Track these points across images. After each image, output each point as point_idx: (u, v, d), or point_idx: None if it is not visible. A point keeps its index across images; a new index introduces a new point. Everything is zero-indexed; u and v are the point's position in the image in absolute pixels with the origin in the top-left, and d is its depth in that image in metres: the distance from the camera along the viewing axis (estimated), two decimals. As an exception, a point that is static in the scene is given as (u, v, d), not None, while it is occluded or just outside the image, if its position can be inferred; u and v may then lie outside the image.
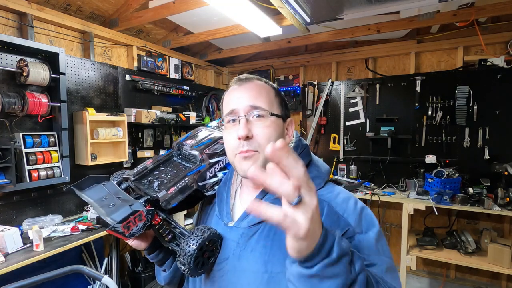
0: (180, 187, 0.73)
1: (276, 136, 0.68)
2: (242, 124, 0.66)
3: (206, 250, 0.68)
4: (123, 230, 0.62)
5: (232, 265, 0.69)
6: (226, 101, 0.72)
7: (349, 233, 0.62)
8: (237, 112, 0.68)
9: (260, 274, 0.65)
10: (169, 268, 0.82)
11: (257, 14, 2.46)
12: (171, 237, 0.73)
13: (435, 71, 3.43)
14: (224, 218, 0.74)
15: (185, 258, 0.65)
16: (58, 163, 2.29)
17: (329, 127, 3.98)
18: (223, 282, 0.69)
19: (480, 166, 3.11)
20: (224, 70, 4.70)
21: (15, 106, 2.03)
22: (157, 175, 0.79)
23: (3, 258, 1.76)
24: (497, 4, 2.62)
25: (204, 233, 0.67)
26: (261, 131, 0.67)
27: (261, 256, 0.65)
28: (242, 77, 0.73)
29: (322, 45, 4.00)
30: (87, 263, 2.61)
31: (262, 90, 0.70)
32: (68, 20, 2.55)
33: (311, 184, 0.42)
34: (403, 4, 2.32)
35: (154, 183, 0.76)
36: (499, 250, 2.61)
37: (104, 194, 0.72)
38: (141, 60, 3.23)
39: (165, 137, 3.49)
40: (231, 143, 0.69)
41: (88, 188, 0.75)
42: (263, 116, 0.67)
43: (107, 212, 0.65)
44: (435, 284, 3.33)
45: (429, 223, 3.34)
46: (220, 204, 0.77)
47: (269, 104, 0.69)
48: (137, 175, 0.78)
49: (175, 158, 0.85)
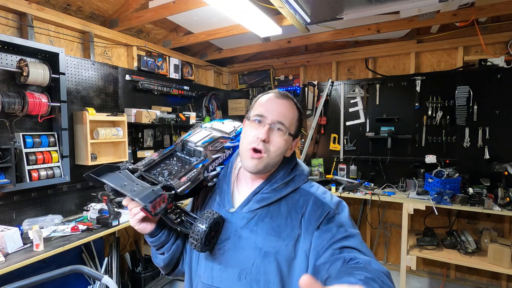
0: (191, 177, 0.83)
1: (283, 149, 0.84)
2: (265, 130, 0.81)
3: (213, 230, 0.78)
4: (151, 210, 0.71)
5: (233, 244, 0.81)
6: (260, 104, 0.86)
7: (331, 213, 0.79)
8: (265, 118, 0.82)
9: (258, 250, 0.78)
10: (167, 251, 0.91)
11: (257, 14, 2.46)
12: (179, 220, 0.83)
13: (435, 71, 3.43)
14: (226, 205, 0.86)
15: (198, 235, 0.75)
16: (58, 163, 2.29)
17: (329, 127, 3.98)
18: (223, 258, 0.81)
19: (480, 166, 3.11)
20: (224, 70, 4.70)
21: (15, 106, 2.03)
22: (165, 167, 0.88)
23: (3, 258, 1.76)
24: (497, 4, 2.62)
25: (214, 215, 0.78)
26: (276, 140, 0.82)
27: (259, 235, 0.79)
28: (282, 93, 0.87)
29: (322, 45, 4.00)
30: (87, 263, 2.61)
31: (290, 111, 0.85)
32: (68, 20, 2.55)
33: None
34: (403, 4, 2.32)
35: (164, 173, 0.85)
36: (499, 250, 2.61)
37: (123, 180, 0.78)
38: (141, 60, 3.23)
39: (165, 137, 3.49)
40: (249, 136, 0.82)
41: (105, 175, 0.81)
42: (282, 131, 0.83)
43: (133, 194, 0.73)
44: (435, 284, 3.33)
45: (429, 223, 3.35)
46: (222, 194, 0.89)
47: (290, 124, 0.84)
48: (147, 166, 0.85)
49: (178, 153, 0.94)
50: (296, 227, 0.79)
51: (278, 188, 0.84)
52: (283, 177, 0.86)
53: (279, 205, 0.83)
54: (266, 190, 0.84)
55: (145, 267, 3.05)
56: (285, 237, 0.78)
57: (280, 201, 0.83)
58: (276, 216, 0.81)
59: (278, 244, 0.77)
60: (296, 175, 0.87)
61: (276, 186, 0.84)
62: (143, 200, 0.71)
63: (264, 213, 0.82)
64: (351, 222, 0.80)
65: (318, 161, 4.01)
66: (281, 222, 0.80)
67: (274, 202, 0.82)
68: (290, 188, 0.84)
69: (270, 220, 0.80)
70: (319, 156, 4.06)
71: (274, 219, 0.80)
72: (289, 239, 0.78)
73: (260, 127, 0.82)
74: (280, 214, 0.81)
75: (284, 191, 0.83)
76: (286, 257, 0.77)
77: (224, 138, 0.96)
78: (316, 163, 4.01)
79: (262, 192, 0.84)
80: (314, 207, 0.80)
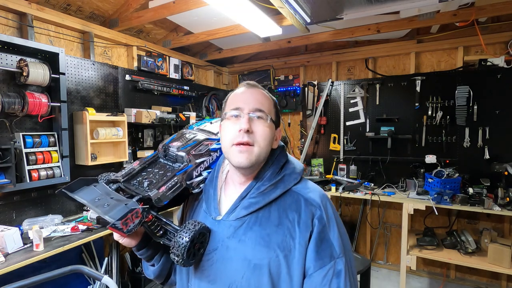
0: (170, 186, 0.78)
1: (270, 138, 0.78)
2: (245, 119, 0.75)
3: (196, 242, 0.73)
4: (121, 227, 0.66)
5: (221, 255, 0.75)
6: (233, 98, 0.81)
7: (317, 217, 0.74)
8: (242, 110, 0.76)
9: (247, 261, 0.72)
10: (157, 262, 0.87)
11: (257, 14, 2.46)
12: (162, 232, 0.77)
13: (435, 71, 3.43)
14: (212, 213, 0.80)
15: (179, 250, 0.69)
16: (58, 163, 2.29)
17: (329, 127, 3.98)
18: (212, 270, 0.76)
19: (480, 166, 3.11)
20: (224, 70, 4.70)
21: (15, 106, 2.03)
22: (145, 176, 0.83)
23: (3, 258, 1.76)
24: (497, 4, 2.62)
25: (195, 226, 0.72)
26: (261, 129, 0.76)
27: (248, 246, 0.73)
28: (251, 83, 0.83)
29: (322, 45, 4.00)
30: (87, 263, 2.61)
31: (266, 98, 0.81)
32: (68, 20, 2.55)
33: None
34: (403, 4, 2.32)
35: (144, 183, 0.80)
36: (499, 250, 2.61)
37: (97, 195, 0.75)
38: (141, 60, 3.23)
39: (165, 137, 3.48)
40: (230, 133, 0.76)
41: (79, 190, 0.78)
42: (263, 118, 0.77)
43: (103, 211, 0.69)
44: (435, 284, 3.33)
45: (429, 223, 3.34)
46: (208, 201, 0.83)
47: (269, 110, 0.79)
48: (126, 176, 0.81)
49: (161, 159, 0.89)
50: (288, 235, 0.72)
51: (266, 191, 0.76)
52: (271, 178, 0.78)
53: (269, 210, 0.75)
54: (253, 194, 0.77)
55: (145, 267, 3.05)
56: (275, 247, 0.71)
57: (271, 206, 0.76)
58: (266, 223, 0.74)
59: (269, 255, 0.71)
60: (285, 174, 0.79)
61: (263, 189, 0.76)
62: (112, 217, 0.67)
63: (252, 220, 0.74)
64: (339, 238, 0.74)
65: (318, 161, 4.01)
66: (271, 230, 0.73)
67: (263, 207, 0.75)
68: (280, 190, 0.76)
69: (259, 228, 0.73)
70: (319, 156, 4.06)
71: (264, 227, 0.73)
72: (280, 249, 0.71)
73: (239, 121, 0.75)
74: (270, 220, 0.74)
75: (272, 194, 0.76)
76: (277, 269, 0.71)
77: (210, 140, 0.91)
78: (316, 163, 4.01)
79: (249, 197, 0.77)
80: (305, 215, 0.74)
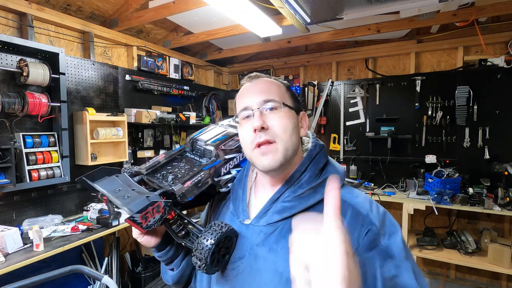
0: (196, 181, 0.71)
1: (292, 127, 0.67)
2: (257, 116, 0.66)
3: (222, 246, 0.65)
4: (141, 221, 0.61)
5: (248, 265, 0.66)
6: (239, 98, 0.72)
7: (373, 232, 0.60)
8: (251, 107, 0.68)
9: (278, 275, 0.62)
10: (177, 267, 0.79)
11: (257, 14, 2.46)
12: (184, 233, 0.71)
13: (435, 71, 3.43)
14: (240, 215, 0.72)
15: (202, 253, 0.62)
16: (58, 163, 2.29)
17: (329, 127, 3.97)
18: (237, 281, 0.67)
19: (480, 166, 3.11)
20: (224, 70, 4.70)
21: (15, 106, 2.03)
22: (170, 170, 0.77)
23: (3, 258, 1.76)
24: (497, 4, 2.62)
25: (222, 228, 0.64)
26: (277, 121, 0.66)
27: (280, 256, 0.63)
28: (252, 75, 0.74)
29: (322, 45, 4.00)
30: (87, 263, 2.61)
31: (272, 84, 0.71)
32: (68, 20, 2.55)
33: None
34: (403, 4, 2.32)
35: (168, 177, 0.74)
36: (499, 250, 2.61)
37: (118, 185, 0.70)
38: (141, 60, 3.23)
39: (165, 137, 3.49)
40: (247, 137, 0.68)
41: (100, 180, 0.73)
42: (276, 108, 0.67)
43: (123, 203, 0.64)
44: (435, 284, 3.33)
45: (429, 223, 3.34)
46: (235, 202, 0.75)
47: (280, 97, 0.69)
48: (150, 168, 0.76)
49: (188, 153, 0.83)
50: None
51: (303, 195, 0.66)
52: (310, 181, 0.68)
53: None
54: (287, 197, 0.67)
55: (145, 267, 3.05)
56: None
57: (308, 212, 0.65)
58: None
59: None
60: (327, 178, 0.67)
61: (301, 192, 0.66)
62: (132, 209, 0.61)
63: (286, 227, 0.64)
64: (404, 250, 0.59)
65: (318, 161, 4.01)
66: None
67: (299, 213, 0.65)
68: (320, 195, 0.65)
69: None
70: (319, 156, 4.05)
71: None
72: None
73: (251, 120, 0.67)
74: None
75: (311, 199, 0.65)
76: None
77: None
78: (316, 163, 4.01)
79: (282, 200, 0.67)
80: (352, 222, 0.62)
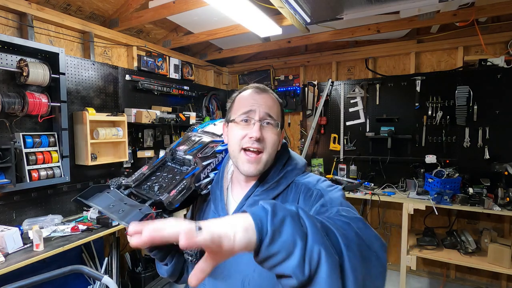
0: (180, 189, 0.80)
1: (277, 143, 0.81)
2: (257, 127, 0.77)
3: None
4: None
5: None
6: (243, 102, 0.81)
7: (318, 193, 0.74)
8: (253, 116, 0.78)
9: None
10: (170, 262, 0.89)
11: (257, 14, 2.46)
12: None
13: (435, 71, 3.43)
14: (220, 213, 0.83)
15: (192, 249, 0.71)
16: (58, 163, 2.29)
17: (329, 127, 3.97)
18: (225, 266, 0.77)
19: (480, 166, 3.11)
20: (224, 70, 4.70)
21: (15, 106, 2.03)
22: (155, 180, 0.86)
23: (3, 258, 1.76)
24: (497, 4, 2.61)
25: None
26: (269, 136, 0.78)
27: None
28: (261, 86, 0.83)
29: (322, 45, 4.00)
30: (87, 263, 2.61)
31: (275, 103, 0.82)
32: (68, 20, 2.55)
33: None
34: (403, 4, 2.32)
35: (154, 187, 0.83)
36: (499, 250, 2.61)
37: (111, 201, 0.77)
38: (141, 60, 3.23)
39: (165, 137, 3.49)
40: (237, 137, 0.78)
41: (93, 197, 0.80)
42: (273, 125, 0.79)
43: (119, 217, 0.72)
44: (435, 284, 3.33)
45: (429, 223, 3.34)
46: (215, 201, 0.87)
47: (277, 116, 0.81)
48: (137, 181, 0.84)
49: (169, 163, 0.92)
50: None
51: (269, 188, 0.80)
52: (274, 176, 0.82)
53: None
54: (257, 192, 0.81)
55: (145, 267, 3.05)
56: None
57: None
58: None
59: None
60: (287, 171, 0.83)
61: (267, 187, 0.80)
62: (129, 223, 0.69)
63: None
64: (341, 200, 0.72)
65: (318, 161, 4.01)
66: None
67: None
68: (282, 186, 0.80)
69: None
70: (319, 156, 4.05)
71: None
72: None
73: (249, 126, 0.78)
74: None
75: (275, 190, 0.80)
76: None
77: (215, 142, 0.94)
78: (316, 163, 4.01)
79: (254, 195, 0.80)
80: (305, 197, 0.76)
